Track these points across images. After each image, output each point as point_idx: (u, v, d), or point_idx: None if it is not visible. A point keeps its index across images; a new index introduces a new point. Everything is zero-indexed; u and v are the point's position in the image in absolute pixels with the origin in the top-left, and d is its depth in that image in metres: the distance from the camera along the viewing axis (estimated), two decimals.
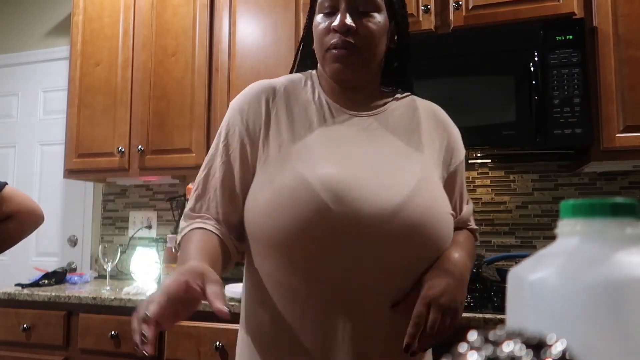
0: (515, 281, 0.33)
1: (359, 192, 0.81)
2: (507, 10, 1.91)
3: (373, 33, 0.89)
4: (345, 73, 0.89)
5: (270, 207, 0.83)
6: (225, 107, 2.30)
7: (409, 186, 0.83)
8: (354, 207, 0.79)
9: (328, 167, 0.83)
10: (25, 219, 1.49)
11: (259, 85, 0.98)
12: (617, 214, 0.31)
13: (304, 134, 0.89)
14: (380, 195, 0.81)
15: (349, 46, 0.87)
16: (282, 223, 0.80)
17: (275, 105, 0.93)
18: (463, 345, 0.24)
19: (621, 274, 0.29)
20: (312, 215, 0.79)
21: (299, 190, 0.81)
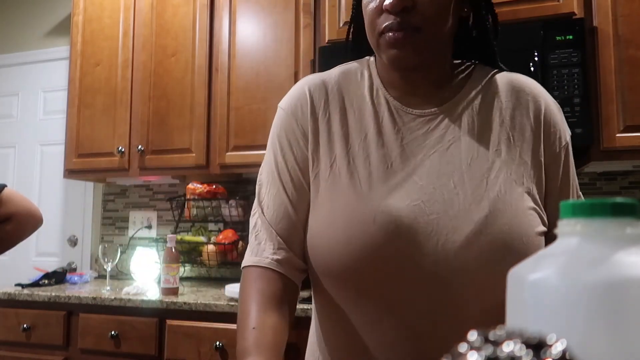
0: (515, 281, 0.33)
1: (418, 228, 0.69)
2: (507, 10, 1.91)
3: (435, 6, 0.71)
4: (405, 59, 0.72)
5: (324, 237, 0.74)
6: (225, 107, 2.31)
7: (479, 216, 0.69)
8: (412, 247, 0.69)
9: (382, 195, 0.72)
10: (24, 221, 1.49)
11: (308, 84, 0.82)
12: (617, 214, 0.31)
13: (358, 148, 0.76)
14: (444, 230, 0.69)
15: (407, 27, 0.70)
16: (336, 256, 0.72)
17: (328, 108, 0.79)
18: (463, 345, 0.24)
19: (621, 274, 0.29)
20: (365, 254, 0.70)
21: (351, 223, 0.71)
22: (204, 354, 1.86)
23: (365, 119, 0.78)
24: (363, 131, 0.77)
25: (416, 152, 0.74)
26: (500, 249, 0.67)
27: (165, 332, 1.94)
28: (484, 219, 0.68)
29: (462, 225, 0.69)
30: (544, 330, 0.25)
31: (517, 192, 0.71)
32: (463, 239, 0.68)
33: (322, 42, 2.17)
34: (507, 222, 0.69)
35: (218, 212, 2.44)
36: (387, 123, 0.76)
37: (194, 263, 2.43)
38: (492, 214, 0.69)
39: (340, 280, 0.73)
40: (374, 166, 0.74)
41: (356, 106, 0.79)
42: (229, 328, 1.85)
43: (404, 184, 0.72)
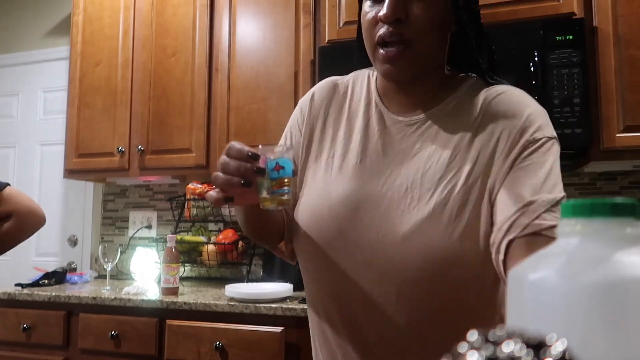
0: (515, 281, 0.33)
1: (362, 220, 0.77)
2: (507, 10, 1.91)
3: (428, 21, 0.75)
4: (398, 74, 0.78)
5: (299, 221, 0.84)
6: (225, 107, 2.31)
7: (417, 219, 0.74)
8: (352, 237, 0.78)
9: (342, 186, 0.80)
10: (25, 219, 1.49)
11: (319, 85, 0.93)
12: (617, 214, 0.31)
13: (341, 144, 0.84)
14: (385, 226, 0.76)
15: (400, 41, 0.75)
16: (302, 240, 0.83)
17: (329, 108, 0.89)
18: (463, 345, 0.24)
19: (621, 274, 0.29)
20: (322, 240, 0.80)
21: (317, 209, 0.81)
22: (204, 354, 1.86)
23: (355, 120, 0.85)
24: (350, 131, 0.85)
25: (389, 155, 0.80)
26: (429, 251, 0.72)
27: (165, 332, 1.94)
28: (420, 222, 0.73)
29: (401, 224, 0.75)
30: (544, 330, 0.25)
31: (464, 200, 0.74)
32: (399, 237, 0.74)
33: (322, 42, 2.17)
34: (441, 229, 0.72)
35: (218, 212, 2.44)
36: (373, 126, 0.83)
37: (194, 263, 2.43)
38: (429, 219, 0.73)
39: (303, 260, 0.84)
40: (347, 161, 0.82)
41: (353, 108, 0.87)
42: (229, 328, 1.85)
43: (366, 180, 0.79)
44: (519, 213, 0.69)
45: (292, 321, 1.77)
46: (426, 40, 0.76)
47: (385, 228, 0.76)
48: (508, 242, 0.68)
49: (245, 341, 1.82)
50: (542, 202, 0.69)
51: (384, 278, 0.76)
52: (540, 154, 0.74)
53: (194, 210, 2.46)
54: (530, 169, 0.73)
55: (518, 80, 1.82)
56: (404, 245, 0.74)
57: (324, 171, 0.84)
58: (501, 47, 1.87)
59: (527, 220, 0.67)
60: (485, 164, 0.75)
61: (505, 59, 1.85)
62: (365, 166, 0.81)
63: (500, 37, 1.86)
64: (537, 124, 0.76)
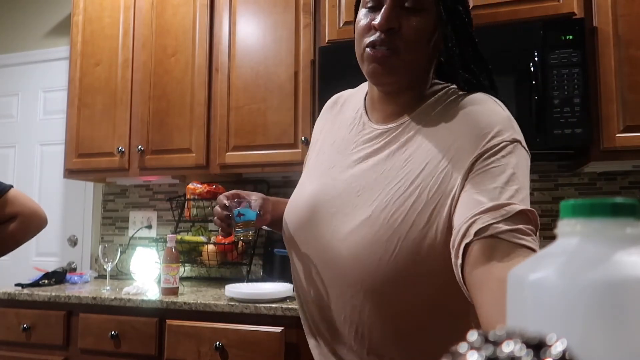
0: (515, 281, 0.33)
1: (320, 218, 0.86)
2: (507, 10, 1.91)
3: (418, 34, 0.79)
4: (383, 76, 0.81)
5: (285, 211, 0.97)
6: (225, 107, 2.31)
7: (362, 218, 0.80)
8: (313, 231, 0.87)
9: (313, 187, 0.90)
10: (29, 221, 1.50)
11: (332, 97, 1.03)
12: (617, 214, 0.31)
13: (325, 150, 0.94)
14: (335, 223, 0.83)
15: (389, 46, 0.78)
16: (284, 227, 0.95)
17: (328, 117, 0.99)
18: (463, 345, 0.24)
19: (621, 274, 0.29)
20: (290, 232, 0.92)
21: (291, 205, 0.94)
22: (204, 354, 1.86)
23: (342, 128, 0.93)
24: (334, 137, 0.93)
25: (356, 160, 0.86)
26: (369, 246, 0.78)
27: (165, 332, 1.94)
28: (364, 221, 0.79)
29: (349, 221, 0.81)
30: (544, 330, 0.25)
31: (406, 205, 0.76)
32: (346, 232, 0.81)
33: (322, 42, 2.17)
34: (375, 231, 0.77)
35: None
36: (353, 134, 0.90)
37: (194, 263, 2.43)
38: (371, 218, 0.78)
39: (285, 246, 0.96)
40: (323, 164, 0.91)
41: (344, 117, 0.94)
42: (228, 328, 1.85)
43: (330, 182, 0.87)
44: (475, 217, 0.67)
45: (292, 321, 1.77)
46: (413, 51, 0.80)
47: (335, 225, 0.83)
48: (465, 245, 0.67)
49: (245, 341, 1.82)
50: (499, 208, 0.67)
51: (335, 272, 0.83)
52: (499, 158, 0.73)
53: (194, 210, 2.46)
54: (489, 174, 0.72)
55: (518, 80, 1.82)
56: (345, 243, 0.81)
57: (306, 174, 0.96)
58: (501, 47, 1.88)
59: (482, 225, 0.66)
60: (441, 171, 0.76)
61: (505, 59, 1.85)
62: (332, 168, 0.89)
63: (500, 37, 1.86)
64: (497, 129, 0.75)
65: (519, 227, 0.65)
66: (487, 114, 0.78)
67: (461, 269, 0.67)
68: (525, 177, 0.74)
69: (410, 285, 0.77)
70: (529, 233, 0.65)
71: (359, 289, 0.80)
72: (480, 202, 0.69)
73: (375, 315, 0.80)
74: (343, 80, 0.91)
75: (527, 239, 0.65)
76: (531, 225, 0.67)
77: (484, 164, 0.73)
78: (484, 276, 0.62)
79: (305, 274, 0.89)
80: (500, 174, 0.71)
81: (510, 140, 0.75)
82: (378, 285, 0.77)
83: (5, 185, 1.46)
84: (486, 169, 0.72)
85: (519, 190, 0.70)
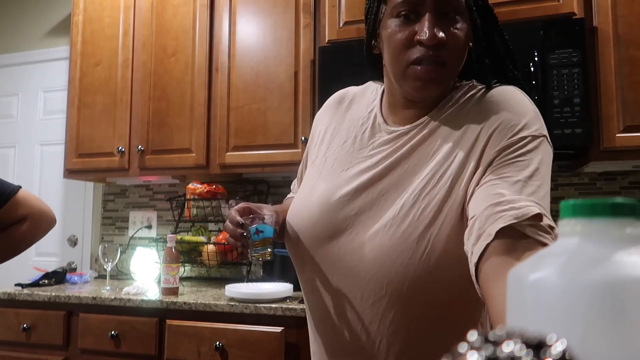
0: (515, 281, 0.33)
1: (337, 221, 0.82)
2: (507, 10, 1.91)
3: (462, 45, 0.77)
4: (428, 91, 0.78)
5: (288, 215, 0.91)
6: (226, 107, 2.31)
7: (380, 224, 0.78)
8: (328, 234, 0.82)
9: (326, 189, 0.86)
10: (39, 221, 1.50)
11: (333, 96, 0.98)
12: (617, 214, 0.31)
13: (334, 151, 0.89)
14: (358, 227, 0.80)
15: (438, 60, 0.75)
16: (288, 230, 0.90)
17: (334, 116, 0.94)
18: (463, 345, 0.24)
19: (621, 274, 0.29)
20: (300, 237, 0.86)
21: (296, 208, 0.89)
22: (204, 354, 1.86)
23: (353, 128, 0.88)
24: (345, 137, 0.89)
25: (375, 162, 0.82)
26: (397, 246, 0.75)
27: (165, 332, 1.94)
28: (391, 220, 0.76)
29: (373, 223, 0.78)
30: (544, 330, 0.25)
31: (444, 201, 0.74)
32: (370, 234, 0.77)
33: (322, 42, 2.17)
34: (411, 226, 0.74)
35: (218, 212, 2.44)
36: (367, 135, 0.86)
37: (194, 263, 2.43)
38: (398, 217, 0.76)
39: (291, 250, 0.90)
40: (334, 165, 0.87)
41: (354, 117, 0.90)
42: (228, 328, 1.85)
43: (345, 183, 0.83)
44: (496, 214, 0.64)
45: (292, 321, 1.77)
46: (458, 63, 0.78)
47: (356, 228, 0.79)
48: (485, 246, 0.63)
49: (245, 341, 1.82)
50: (520, 205, 0.64)
51: (356, 277, 0.79)
52: (524, 152, 0.71)
53: (194, 210, 2.46)
54: (513, 167, 0.70)
55: None
56: (368, 244, 0.77)
57: (314, 173, 0.90)
58: None
59: (503, 224, 0.63)
60: (468, 162, 0.74)
61: None
62: (347, 170, 0.85)
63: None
64: (524, 122, 0.73)
65: (540, 224, 0.63)
66: (516, 106, 0.75)
67: (476, 267, 0.64)
68: (548, 173, 0.72)
69: (438, 283, 0.74)
70: (549, 231, 0.63)
71: (384, 294, 0.76)
72: (501, 194, 0.66)
73: (399, 321, 0.77)
74: (343, 80, 0.90)
75: (547, 237, 0.62)
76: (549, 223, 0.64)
77: (509, 156, 0.71)
78: (499, 269, 0.60)
79: (321, 280, 0.84)
80: (525, 168, 0.69)
81: (538, 134, 0.73)
82: (405, 288, 0.74)
83: (14, 186, 1.46)
84: (511, 161, 0.70)
85: (541, 186, 0.68)
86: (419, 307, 0.76)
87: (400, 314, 0.77)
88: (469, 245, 0.66)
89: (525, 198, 0.65)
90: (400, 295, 0.75)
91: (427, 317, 0.77)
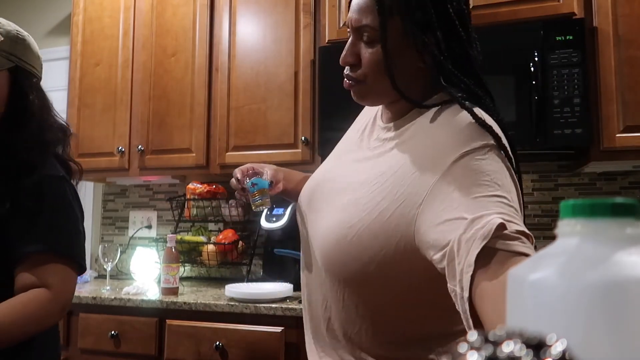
0: (515, 281, 0.33)
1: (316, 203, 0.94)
2: (507, 10, 1.91)
3: (376, 64, 0.83)
4: (359, 100, 0.91)
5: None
6: (226, 107, 2.31)
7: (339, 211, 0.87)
8: (308, 217, 0.96)
9: (315, 175, 1.00)
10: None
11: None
12: (617, 214, 0.31)
13: (352, 134, 1.02)
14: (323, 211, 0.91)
15: (355, 78, 0.87)
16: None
17: (360, 118, 1.05)
18: (463, 345, 0.24)
19: (621, 274, 0.29)
20: (299, 208, 1.01)
21: (308, 180, 1.03)
22: (204, 354, 1.86)
23: (369, 120, 0.98)
24: (361, 127, 0.99)
25: (364, 154, 0.92)
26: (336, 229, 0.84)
27: (165, 332, 1.94)
28: (342, 205, 0.86)
29: (334, 206, 0.88)
30: (544, 330, 0.25)
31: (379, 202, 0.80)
32: (328, 215, 0.88)
33: (322, 42, 2.17)
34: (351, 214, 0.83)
35: (218, 212, 2.44)
36: (367, 132, 0.96)
37: (194, 263, 2.43)
38: (347, 205, 0.84)
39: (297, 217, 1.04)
40: (341, 150, 1.00)
41: (367, 117, 1.00)
42: (228, 328, 1.85)
43: (337, 167, 0.95)
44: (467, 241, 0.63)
45: (292, 321, 1.77)
46: (379, 78, 0.84)
47: (325, 208, 0.90)
48: (470, 279, 0.61)
49: (245, 341, 1.82)
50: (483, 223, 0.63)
51: (315, 251, 0.90)
52: (476, 163, 0.72)
53: (194, 210, 2.46)
54: (466, 180, 0.70)
55: (518, 80, 1.82)
56: (323, 223, 0.88)
57: (333, 152, 1.04)
58: (501, 47, 1.88)
59: (478, 250, 0.61)
60: (413, 174, 0.78)
61: (505, 59, 1.85)
62: (347, 155, 0.96)
63: (500, 37, 1.86)
64: (468, 138, 0.75)
65: (505, 234, 0.62)
66: (465, 122, 0.77)
67: (469, 302, 0.62)
68: (504, 177, 0.72)
69: (369, 277, 0.81)
70: (517, 237, 0.62)
71: (325, 268, 0.87)
72: (462, 218, 0.66)
73: (357, 305, 0.85)
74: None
75: (515, 242, 0.62)
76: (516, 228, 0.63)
77: (460, 171, 0.72)
78: (484, 295, 0.59)
79: (304, 250, 0.98)
80: (478, 180, 0.70)
81: (482, 145, 0.74)
82: (336, 268, 0.84)
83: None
84: (464, 175, 0.71)
85: (499, 191, 0.69)
86: (372, 295, 0.83)
87: (356, 297, 0.84)
88: (456, 283, 0.64)
89: (486, 212, 0.65)
90: (349, 280, 0.83)
91: (382, 309, 0.84)
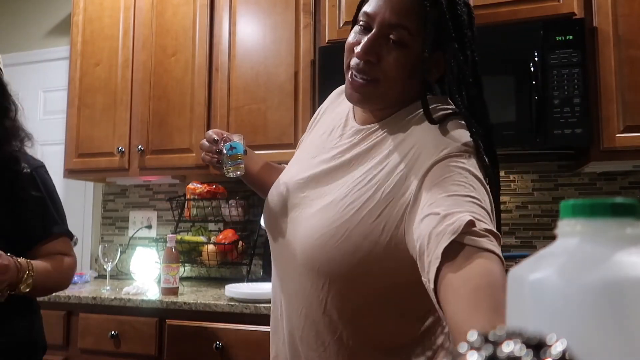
0: (515, 281, 0.33)
1: (291, 200, 0.92)
2: (507, 10, 1.91)
3: (398, 69, 0.81)
4: (359, 103, 0.87)
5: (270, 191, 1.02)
6: (226, 107, 2.31)
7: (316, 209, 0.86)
8: (281, 214, 0.93)
9: (292, 173, 0.96)
10: None
11: (341, 86, 1.04)
12: (617, 214, 0.31)
13: (311, 140, 1.00)
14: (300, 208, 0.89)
15: (369, 76, 0.82)
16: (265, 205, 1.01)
17: (326, 110, 1.04)
18: (463, 345, 0.24)
19: (621, 274, 0.29)
20: (267, 213, 0.98)
21: (274, 184, 0.99)
22: (204, 354, 1.86)
23: (334, 120, 0.96)
24: (325, 128, 0.97)
25: (334, 154, 0.90)
26: (320, 229, 0.82)
27: (165, 332, 1.94)
28: (323, 207, 0.84)
29: (312, 207, 0.86)
30: (544, 330, 0.25)
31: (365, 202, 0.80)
32: (307, 216, 0.86)
33: (322, 42, 2.17)
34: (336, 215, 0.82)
35: (218, 212, 2.44)
36: (339, 129, 0.93)
37: (194, 263, 2.43)
38: (329, 205, 0.83)
39: (265, 224, 1.00)
40: (308, 151, 0.97)
41: (339, 111, 0.98)
42: (228, 328, 1.85)
43: (307, 169, 0.92)
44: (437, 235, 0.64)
45: None
46: (392, 84, 0.83)
47: (300, 210, 0.88)
48: (436, 270, 0.62)
49: (245, 341, 1.82)
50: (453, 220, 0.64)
51: (292, 252, 0.87)
52: (454, 167, 0.74)
53: (194, 210, 2.46)
54: (445, 182, 0.72)
55: (518, 80, 1.82)
56: (303, 224, 0.86)
57: (294, 156, 1.02)
58: (501, 47, 1.88)
59: (446, 243, 0.62)
60: (397, 174, 0.79)
61: (505, 59, 1.85)
62: (315, 157, 0.93)
63: (500, 37, 1.86)
64: (450, 143, 0.77)
65: (474, 230, 0.63)
66: (450, 132, 0.80)
67: (435, 294, 0.63)
68: (481, 186, 0.73)
69: (357, 276, 0.80)
70: (485, 234, 0.63)
71: (309, 269, 0.84)
72: (436, 214, 0.67)
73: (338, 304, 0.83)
74: (343, 80, 0.91)
75: (482, 240, 0.62)
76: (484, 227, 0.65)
77: (439, 172, 0.74)
78: (448, 287, 0.60)
79: (276, 257, 0.96)
80: (456, 180, 0.72)
81: (462, 151, 0.76)
82: (323, 268, 0.81)
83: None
84: (442, 176, 0.73)
85: (473, 192, 0.71)
86: (357, 295, 0.82)
87: (340, 299, 0.82)
88: (425, 274, 0.66)
89: (458, 210, 0.66)
90: (320, 274, 0.82)
91: (366, 312, 0.82)
